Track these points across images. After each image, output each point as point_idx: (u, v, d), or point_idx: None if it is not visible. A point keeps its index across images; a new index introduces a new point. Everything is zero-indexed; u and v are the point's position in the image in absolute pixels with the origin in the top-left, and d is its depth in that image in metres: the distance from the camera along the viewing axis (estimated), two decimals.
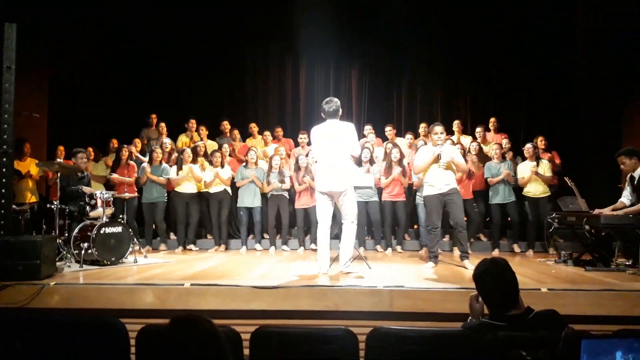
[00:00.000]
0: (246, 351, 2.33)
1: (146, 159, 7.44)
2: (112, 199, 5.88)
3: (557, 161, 7.43)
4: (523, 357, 1.92)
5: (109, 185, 7.24)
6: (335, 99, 4.92)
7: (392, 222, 7.10)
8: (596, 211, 5.25)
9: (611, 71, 7.65)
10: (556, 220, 5.79)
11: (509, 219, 7.03)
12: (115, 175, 7.04)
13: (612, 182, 6.90)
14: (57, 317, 3.02)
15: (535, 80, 9.09)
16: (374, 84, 9.78)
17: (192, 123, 8.41)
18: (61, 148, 7.39)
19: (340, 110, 4.93)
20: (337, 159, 4.78)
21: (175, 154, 7.59)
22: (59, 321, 2.63)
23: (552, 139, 7.58)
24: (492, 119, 8.15)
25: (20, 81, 4.86)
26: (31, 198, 6.76)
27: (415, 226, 7.63)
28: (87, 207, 5.70)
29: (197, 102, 9.61)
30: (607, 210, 5.17)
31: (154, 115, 8.44)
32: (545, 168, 6.80)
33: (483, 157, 7.18)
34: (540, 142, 7.37)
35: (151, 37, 9.20)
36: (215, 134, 8.60)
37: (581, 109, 8.15)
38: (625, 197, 5.28)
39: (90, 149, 7.41)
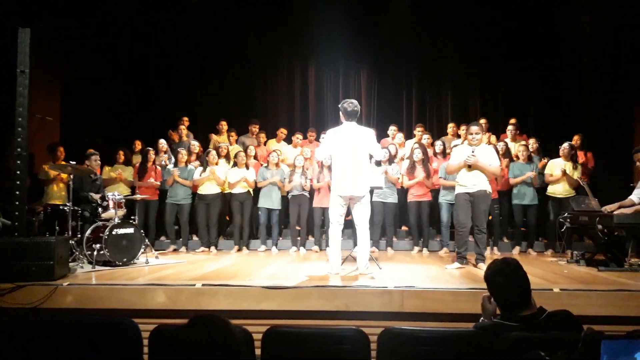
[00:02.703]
0: (258, 351, 2.34)
1: (170, 161, 7.42)
2: (123, 200, 5.92)
3: (590, 164, 7.33)
4: (542, 358, 1.90)
5: (134, 189, 7.20)
6: (355, 101, 4.89)
7: (417, 221, 7.07)
8: (604, 208, 5.20)
9: (621, 69, 7.58)
10: (568, 220, 5.74)
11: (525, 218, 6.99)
12: (139, 183, 7.06)
13: (623, 181, 6.83)
14: (71, 318, 3.06)
15: (543, 78, 9.03)
16: (383, 84, 9.77)
17: (223, 125, 8.42)
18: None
19: (359, 112, 4.92)
20: (358, 163, 4.77)
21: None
22: (72, 322, 2.66)
23: (561, 137, 7.50)
24: (513, 120, 8.07)
25: (33, 84, 4.92)
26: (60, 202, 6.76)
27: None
28: (100, 209, 5.76)
29: (205, 103, 9.67)
30: (614, 207, 5.13)
31: (185, 118, 8.43)
32: (579, 172, 6.67)
33: (510, 157, 7.10)
34: (575, 141, 7.24)
35: (163, 39, 9.30)
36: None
37: (591, 107, 8.09)
38: (636, 195, 5.22)
39: (121, 152, 7.32)
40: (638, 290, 3.88)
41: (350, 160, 4.76)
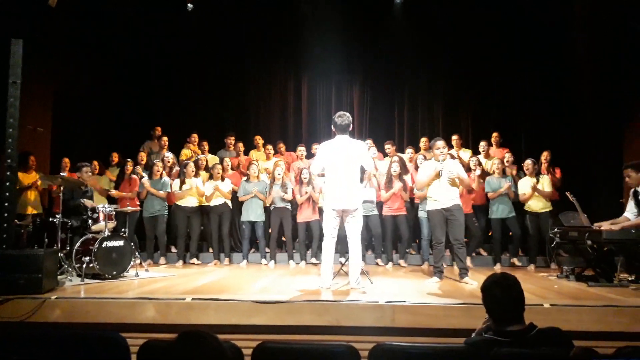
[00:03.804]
0: None
1: (146, 172, 7.44)
2: (114, 212, 5.88)
3: (558, 175, 7.42)
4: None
5: (111, 199, 7.23)
6: (347, 114, 4.92)
7: (392, 236, 7.08)
8: (596, 225, 5.23)
9: (613, 86, 7.68)
10: (558, 235, 5.77)
11: (510, 233, 7.05)
12: (115, 192, 7.12)
13: (613, 197, 6.90)
14: (58, 332, 3.01)
15: (536, 94, 9.10)
16: (375, 99, 9.84)
17: (194, 137, 8.43)
18: (66, 160, 7.39)
19: (351, 125, 4.94)
20: (350, 176, 4.78)
21: (176, 168, 7.61)
22: (60, 336, 2.63)
23: (553, 153, 7.57)
24: (495, 134, 8.17)
25: (25, 95, 4.90)
26: (33, 210, 6.74)
27: (417, 240, 7.63)
28: (90, 221, 5.70)
29: (200, 116, 9.68)
30: (607, 224, 5.15)
31: (158, 128, 8.48)
32: (545, 183, 6.81)
33: (483, 172, 7.19)
34: (545, 157, 7.38)
35: (155, 52, 9.33)
36: (217, 147, 8.62)
37: (583, 124, 8.18)
38: (629, 211, 5.23)
39: (95, 163, 7.43)
40: (627, 306, 3.90)
41: (343, 173, 4.77)
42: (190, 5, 8.56)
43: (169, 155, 7.73)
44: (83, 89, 8.50)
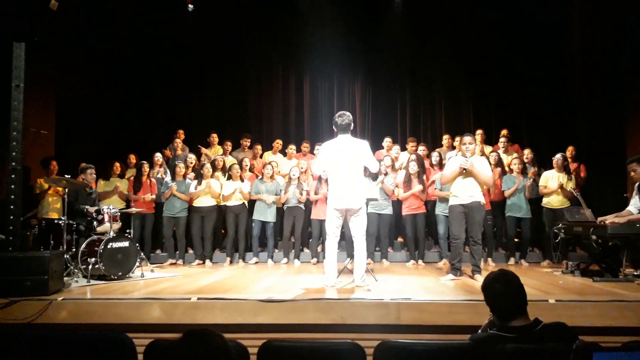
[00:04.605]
0: None
1: (167, 175, 7.45)
2: (119, 213, 5.90)
3: (583, 174, 7.33)
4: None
5: (129, 202, 7.20)
6: (348, 113, 4.91)
7: (413, 235, 7.04)
8: (600, 218, 5.21)
9: (614, 82, 7.66)
10: (562, 231, 5.75)
11: (519, 230, 7.02)
12: (134, 197, 7.10)
13: (617, 191, 6.87)
14: (65, 333, 3.03)
15: (537, 88, 9.10)
16: (377, 96, 9.86)
17: (214, 137, 8.43)
18: (83, 165, 7.32)
19: (352, 124, 4.94)
20: (353, 176, 4.78)
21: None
22: (66, 337, 2.64)
23: (554, 148, 7.55)
24: (504, 131, 8.13)
25: (28, 98, 4.91)
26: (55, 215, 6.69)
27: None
28: (95, 222, 5.73)
29: (201, 115, 9.69)
30: (610, 217, 5.13)
31: (181, 131, 8.46)
32: (573, 184, 6.74)
33: (499, 163, 7.11)
34: (570, 152, 7.31)
35: (156, 52, 9.34)
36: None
37: (584, 118, 8.15)
38: (633, 205, 5.21)
39: (117, 164, 7.36)
40: (633, 301, 3.88)
41: (346, 173, 4.77)
42: (190, 6, 8.55)
43: (192, 156, 7.76)
44: (85, 90, 8.52)
